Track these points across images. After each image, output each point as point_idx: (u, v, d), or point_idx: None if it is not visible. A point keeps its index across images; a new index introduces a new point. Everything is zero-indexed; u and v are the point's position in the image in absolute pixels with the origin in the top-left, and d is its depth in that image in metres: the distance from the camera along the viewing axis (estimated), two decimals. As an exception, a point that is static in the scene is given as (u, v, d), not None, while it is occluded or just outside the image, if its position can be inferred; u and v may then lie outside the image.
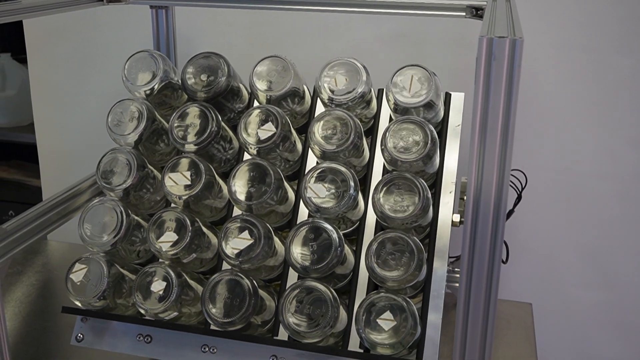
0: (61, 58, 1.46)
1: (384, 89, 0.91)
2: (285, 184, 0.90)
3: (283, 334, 0.88)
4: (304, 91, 0.97)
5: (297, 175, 0.95)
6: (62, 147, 1.50)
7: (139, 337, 0.92)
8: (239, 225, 0.85)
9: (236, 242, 0.85)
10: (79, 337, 0.94)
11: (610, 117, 1.24)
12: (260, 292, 0.87)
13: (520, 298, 1.25)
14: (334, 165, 0.85)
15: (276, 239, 0.89)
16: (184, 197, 0.88)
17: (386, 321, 0.81)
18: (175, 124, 0.91)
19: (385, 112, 0.97)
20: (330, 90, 0.90)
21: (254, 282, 0.85)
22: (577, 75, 1.21)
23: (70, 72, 1.45)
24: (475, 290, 0.66)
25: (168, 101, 0.99)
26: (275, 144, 0.88)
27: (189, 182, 0.88)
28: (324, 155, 0.87)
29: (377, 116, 0.97)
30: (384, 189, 0.84)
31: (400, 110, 0.89)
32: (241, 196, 0.86)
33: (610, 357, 1.32)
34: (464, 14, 0.94)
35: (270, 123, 0.88)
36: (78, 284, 0.89)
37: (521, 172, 1.15)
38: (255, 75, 0.94)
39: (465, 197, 0.92)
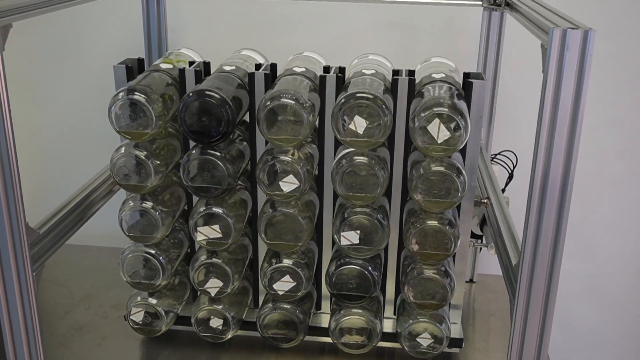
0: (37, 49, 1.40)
1: (409, 131, 0.80)
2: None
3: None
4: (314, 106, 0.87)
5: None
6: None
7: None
8: (280, 270, 0.90)
9: (280, 285, 0.90)
10: None
11: (592, 98, 1.29)
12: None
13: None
14: (361, 218, 0.85)
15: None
16: (219, 250, 0.91)
17: (425, 339, 0.93)
18: (187, 175, 0.86)
19: (403, 101, 0.89)
20: (351, 134, 0.79)
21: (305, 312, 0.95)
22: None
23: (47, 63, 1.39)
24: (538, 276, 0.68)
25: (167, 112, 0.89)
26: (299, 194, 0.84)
27: (219, 235, 0.88)
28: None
29: (394, 114, 0.89)
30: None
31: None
32: (275, 247, 0.89)
33: (590, 324, 1.41)
34: (480, 2, 0.96)
35: (292, 176, 0.83)
36: (141, 322, 0.97)
37: (512, 153, 1.19)
38: (264, 128, 0.82)
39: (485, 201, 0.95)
